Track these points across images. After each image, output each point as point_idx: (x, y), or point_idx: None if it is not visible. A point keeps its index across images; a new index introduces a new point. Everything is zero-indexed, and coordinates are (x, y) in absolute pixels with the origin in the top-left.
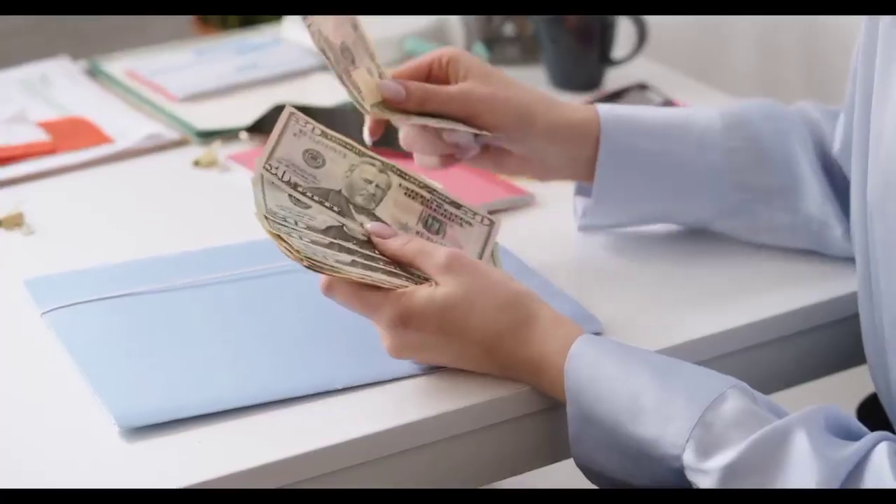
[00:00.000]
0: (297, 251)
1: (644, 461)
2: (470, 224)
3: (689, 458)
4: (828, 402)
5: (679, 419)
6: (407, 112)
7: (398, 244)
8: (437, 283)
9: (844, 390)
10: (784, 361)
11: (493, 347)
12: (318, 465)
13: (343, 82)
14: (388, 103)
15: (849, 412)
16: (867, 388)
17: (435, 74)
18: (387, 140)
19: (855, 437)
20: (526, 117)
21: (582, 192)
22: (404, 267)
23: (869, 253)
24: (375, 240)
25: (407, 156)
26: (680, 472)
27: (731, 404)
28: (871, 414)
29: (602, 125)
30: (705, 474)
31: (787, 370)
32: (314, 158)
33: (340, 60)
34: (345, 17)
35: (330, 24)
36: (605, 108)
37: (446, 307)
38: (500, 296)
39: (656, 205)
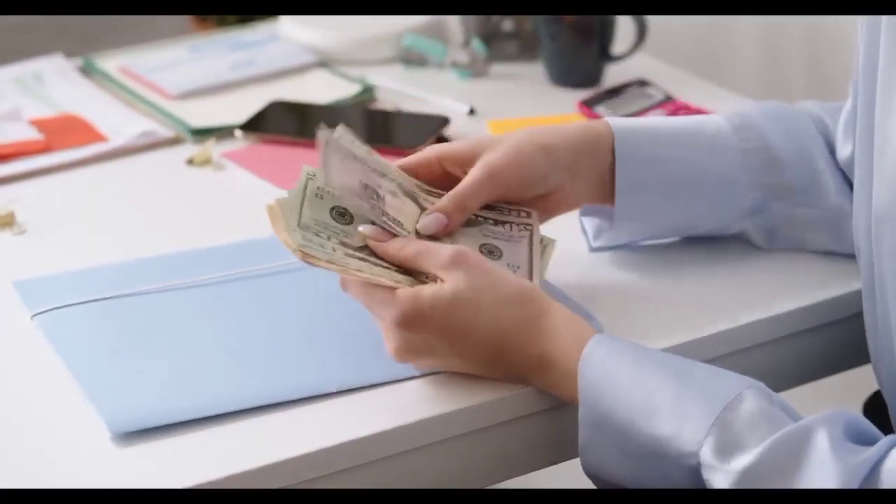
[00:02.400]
0: (296, 242)
1: (657, 461)
2: (518, 227)
3: (706, 455)
4: (831, 401)
5: (696, 418)
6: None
7: (396, 246)
8: (442, 280)
9: (848, 389)
10: (787, 360)
11: (502, 345)
12: (314, 467)
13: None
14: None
15: (864, 416)
16: (871, 387)
17: (427, 176)
18: (385, 137)
19: (870, 441)
20: (546, 148)
21: (588, 212)
22: (413, 272)
23: (874, 263)
24: (372, 243)
25: (403, 152)
26: (693, 471)
27: (749, 404)
28: (877, 412)
29: (615, 135)
30: (722, 473)
31: (790, 369)
32: (342, 215)
33: (372, 202)
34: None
35: (339, 167)
36: (613, 120)
37: (454, 303)
38: (508, 292)
39: (675, 214)
